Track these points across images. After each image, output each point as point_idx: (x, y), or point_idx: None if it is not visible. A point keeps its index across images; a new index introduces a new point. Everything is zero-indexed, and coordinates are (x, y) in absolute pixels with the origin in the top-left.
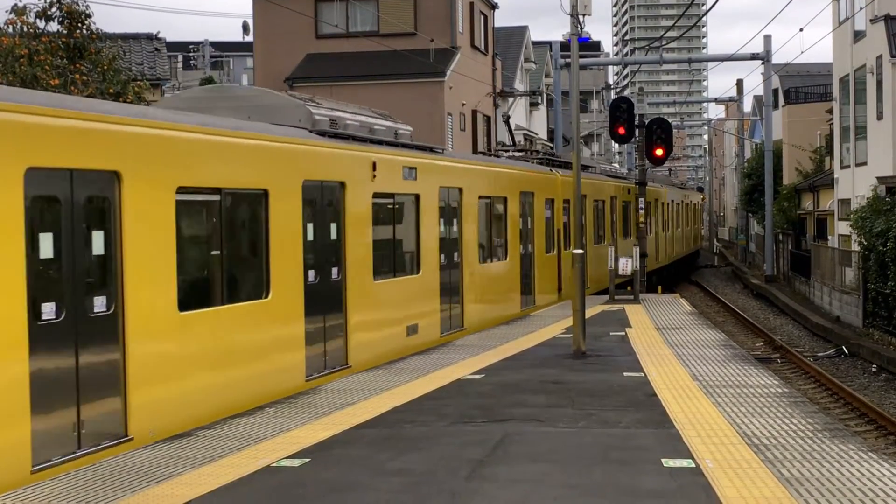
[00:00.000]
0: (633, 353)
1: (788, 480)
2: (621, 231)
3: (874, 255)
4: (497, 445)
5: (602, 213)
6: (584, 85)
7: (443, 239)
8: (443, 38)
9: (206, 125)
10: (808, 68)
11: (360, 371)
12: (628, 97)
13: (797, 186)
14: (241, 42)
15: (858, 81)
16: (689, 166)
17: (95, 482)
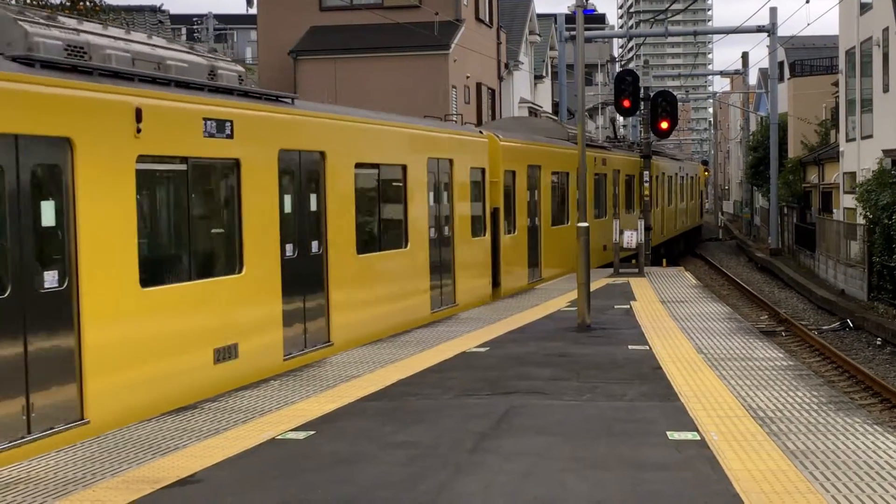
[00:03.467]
0: (637, 327)
1: (793, 453)
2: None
3: (879, 228)
4: (502, 418)
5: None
6: (589, 58)
7: (287, 220)
8: (447, 11)
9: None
10: (814, 41)
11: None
12: (633, 70)
13: (802, 159)
14: (245, 14)
15: (865, 54)
16: (694, 139)
17: (101, 454)
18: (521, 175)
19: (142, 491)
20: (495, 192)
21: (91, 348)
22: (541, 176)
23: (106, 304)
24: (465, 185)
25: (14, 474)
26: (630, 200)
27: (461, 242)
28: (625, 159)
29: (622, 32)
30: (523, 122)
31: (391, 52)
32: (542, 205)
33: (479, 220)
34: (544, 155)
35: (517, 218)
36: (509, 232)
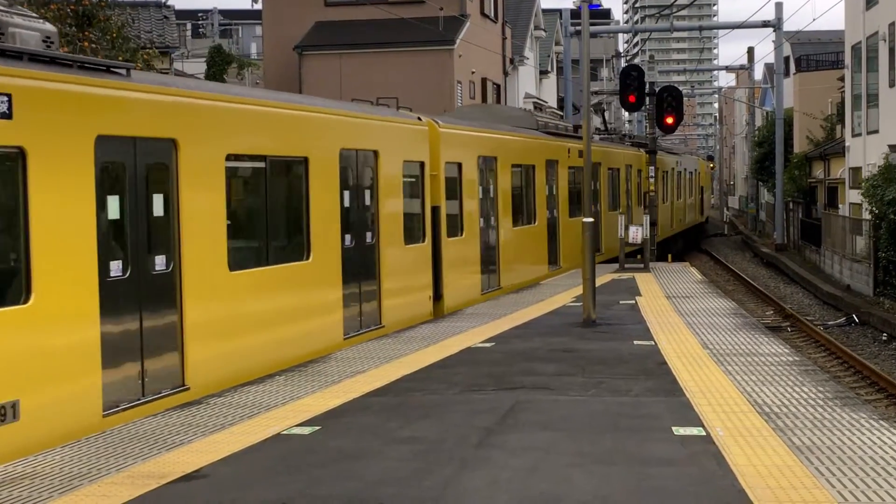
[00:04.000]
0: (643, 322)
1: (799, 448)
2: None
3: (885, 223)
4: (507, 413)
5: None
6: (595, 53)
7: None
8: (452, 6)
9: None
10: (820, 36)
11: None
12: (639, 65)
13: (808, 155)
14: (250, 10)
15: (870, 49)
16: (700, 135)
17: (107, 449)
18: (469, 168)
19: (147, 486)
20: (435, 188)
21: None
22: (497, 169)
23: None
24: (395, 181)
25: (19, 469)
26: (620, 197)
27: (390, 250)
28: (612, 152)
29: (627, 27)
30: (487, 110)
31: (396, 48)
32: (499, 202)
33: (416, 223)
34: (501, 145)
35: (465, 218)
36: (455, 234)
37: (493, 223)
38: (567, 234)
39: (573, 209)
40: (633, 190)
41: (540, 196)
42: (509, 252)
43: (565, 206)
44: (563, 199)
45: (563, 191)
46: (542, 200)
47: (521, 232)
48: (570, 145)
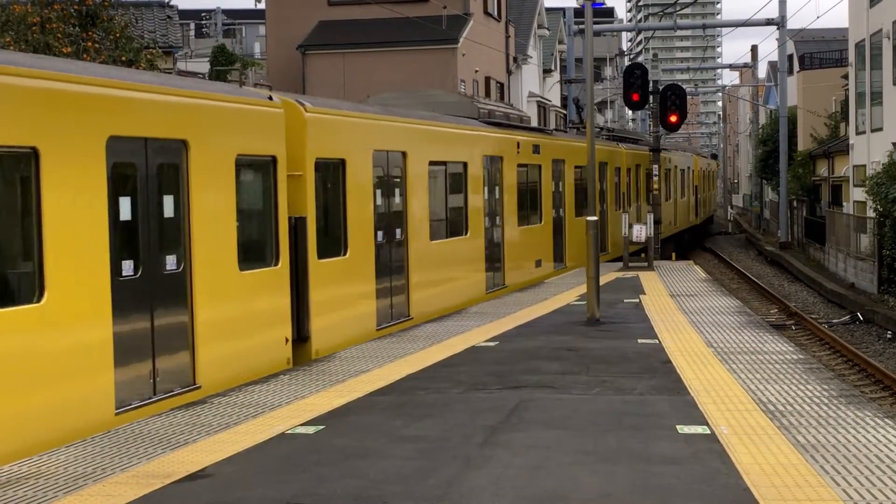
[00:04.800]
0: (647, 320)
1: (804, 447)
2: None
3: (890, 221)
4: (511, 412)
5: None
6: (598, 51)
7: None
8: (455, 5)
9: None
10: (824, 34)
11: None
12: (642, 63)
13: (812, 153)
14: (254, 10)
15: (874, 46)
16: (703, 133)
17: (112, 448)
18: (357, 166)
19: (152, 485)
20: (298, 192)
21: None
22: (407, 168)
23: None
24: (218, 183)
25: (24, 469)
26: (588, 198)
27: (211, 277)
28: (579, 147)
29: (631, 26)
30: (413, 95)
31: (399, 47)
32: (411, 210)
33: (260, 240)
34: (415, 137)
35: (353, 232)
36: (333, 253)
37: (399, 237)
38: (517, 246)
39: (527, 215)
40: (609, 190)
41: (475, 201)
42: (424, 273)
43: (512, 213)
44: (510, 203)
45: (512, 193)
46: (478, 207)
47: (444, 247)
48: (522, 138)
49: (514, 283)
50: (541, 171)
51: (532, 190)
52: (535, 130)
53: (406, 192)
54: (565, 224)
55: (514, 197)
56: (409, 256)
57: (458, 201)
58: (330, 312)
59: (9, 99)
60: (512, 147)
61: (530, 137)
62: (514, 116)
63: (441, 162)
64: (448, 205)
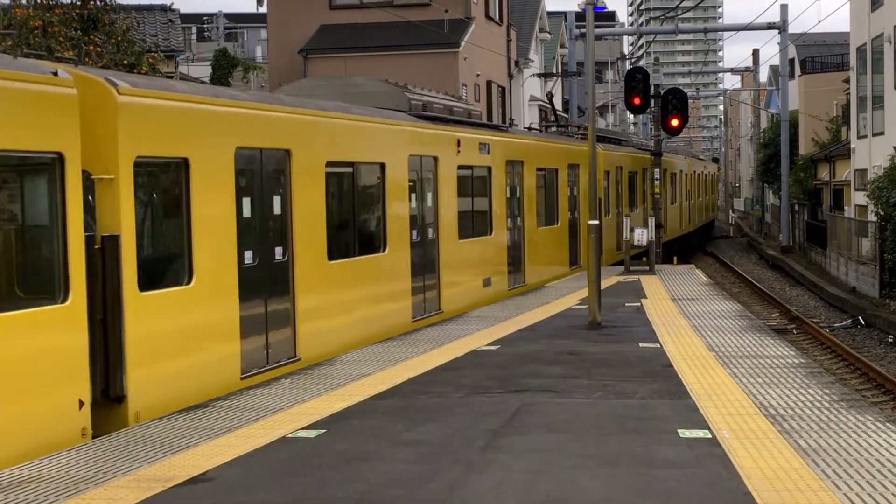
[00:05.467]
0: (648, 324)
1: (805, 451)
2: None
3: (891, 225)
4: (513, 416)
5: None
6: (600, 55)
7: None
8: (457, 9)
9: None
10: (825, 38)
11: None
12: (644, 67)
13: (813, 157)
14: (255, 13)
15: (876, 51)
16: (705, 137)
17: (113, 452)
18: (209, 168)
19: (153, 489)
20: (108, 202)
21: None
22: (292, 170)
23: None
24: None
25: (26, 473)
26: (555, 205)
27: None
28: (544, 147)
29: (632, 30)
30: (332, 84)
31: (401, 51)
32: (299, 223)
33: (35, 268)
34: (299, 131)
35: (201, 254)
36: (173, 282)
37: (280, 257)
38: (457, 263)
39: (471, 225)
40: (580, 196)
41: (397, 210)
42: (321, 301)
43: (451, 223)
44: (448, 211)
45: (450, 202)
46: (401, 217)
47: (357, 268)
48: (464, 135)
49: (453, 308)
50: (490, 174)
51: (479, 196)
52: (486, 127)
53: (291, 199)
54: (524, 235)
55: (453, 204)
56: (297, 280)
57: (373, 210)
58: (161, 361)
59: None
60: (450, 145)
61: (476, 134)
62: (460, 111)
63: (346, 163)
64: (359, 215)
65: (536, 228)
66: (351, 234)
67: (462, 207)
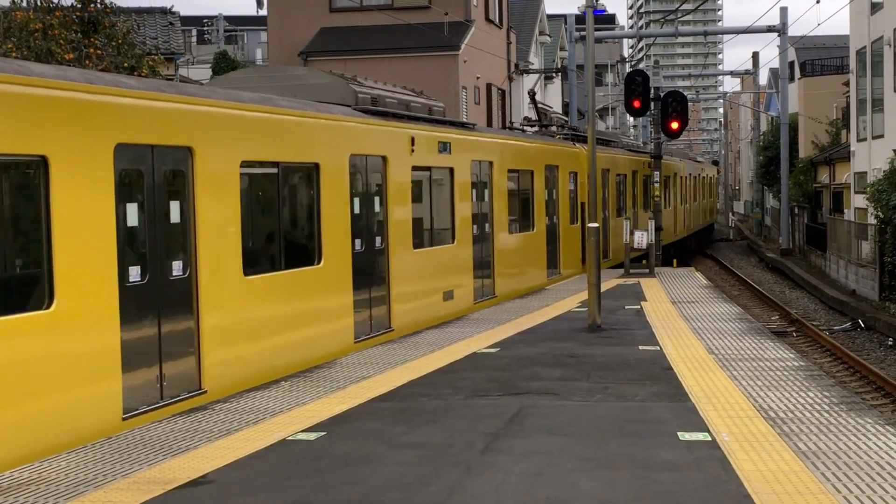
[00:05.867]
0: (648, 327)
1: (805, 454)
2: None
3: (891, 227)
4: (512, 419)
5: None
6: (599, 58)
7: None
8: (457, 11)
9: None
10: (825, 41)
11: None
12: (643, 70)
13: (813, 159)
14: (255, 16)
15: (875, 53)
16: (705, 140)
17: (112, 455)
18: (76, 167)
19: (153, 492)
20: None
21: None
22: (195, 171)
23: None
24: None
25: (26, 475)
26: (530, 210)
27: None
28: (519, 147)
29: (632, 33)
30: (272, 74)
31: (401, 53)
32: (202, 233)
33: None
34: (203, 126)
35: (61, 272)
36: (23, 307)
37: (179, 272)
38: (412, 275)
39: (428, 233)
40: (560, 199)
41: (333, 218)
42: (236, 323)
43: (403, 231)
44: (399, 218)
45: (402, 206)
46: (337, 226)
47: (283, 284)
48: (420, 133)
49: (406, 325)
50: (453, 176)
51: (439, 200)
52: (449, 124)
53: (195, 205)
54: (493, 242)
55: (406, 209)
56: (202, 300)
57: (305, 218)
58: (10, 404)
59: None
60: (402, 144)
61: (435, 132)
62: (418, 106)
63: (269, 163)
64: (286, 223)
65: (508, 235)
66: (276, 245)
67: (418, 213)
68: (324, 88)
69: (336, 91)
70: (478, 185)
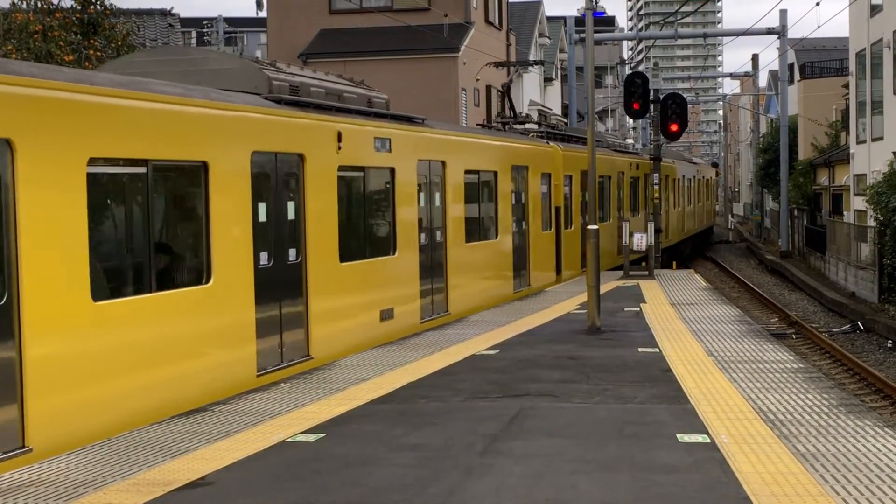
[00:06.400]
0: (647, 329)
1: (804, 456)
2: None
3: (890, 230)
4: (512, 420)
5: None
6: (599, 60)
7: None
8: (457, 13)
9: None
10: (824, 43)
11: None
12: (643, 72)
13: (812, 161)
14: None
15: (875, 56)
16: (704, 142)
17: (112, 456)
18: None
19: (153, 493)
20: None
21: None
22: (12, 171)
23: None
24: None
25: (25, 477)
26: (493, 215)
27: None
28: (479, 145)
29: (632, 35)
30: (175, 59)
31: (401, 55)
32: (24, 253)
33: None
34: (23, 112)
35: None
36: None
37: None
38: (342, 291)
39: (360, 243)
40: (530, 204)
41: (226, 227)
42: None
43: (328, 240)
44: (322, 229)
45: (324, 212)
46: (232, 236)
47: (146, 311)
48: (349, 127)
49: (329, 352)
50: (393, 178)
51: (376, 204)
52: (391, 118)
53: (16, 212)
54: (446, 253)
55: (331, 216)
56: (17, 328)
57: (190, 226)
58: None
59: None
60: (325, 139)
61: (370, 126)
62: (354, 97)
63: (133, 160)
64: (160, 232)
65: (465, 244)
66: (143, 261)
67: (347, 220)
68: (231, 74)
69: (245, 77)
70: (427, 187)
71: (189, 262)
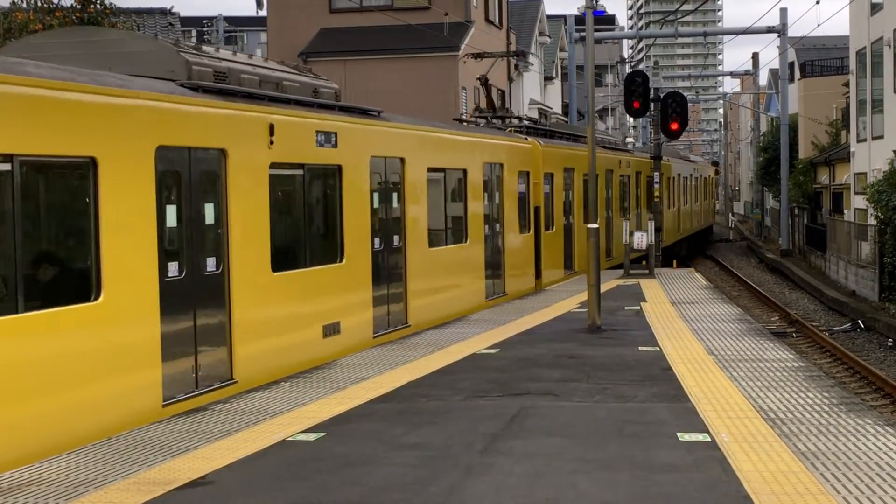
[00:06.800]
0: (648, 328)
1: (804, 454)
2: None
3: (891, 228)
4: (512, 419)
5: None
6: (599, 59)
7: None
8: (457, 12)
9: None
10: (825, 41)
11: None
12: (643, 71)
13: (813, 160)
14: (255, 17)
15: (875, 54)
16: (705, 140)
17: (112, 455)
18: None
19: (153, 492)
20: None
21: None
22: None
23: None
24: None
25: (26, 476)
26: (463, 218)
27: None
28: (443, 140)
29: (632, 33)
30: (81, 40)
31: (401, 54)
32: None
33: None
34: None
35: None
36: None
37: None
38: (267, 307)
39: (304, 251)
40: (505, 205)
41: (125, 233)
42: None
43: (256, 248)
44: (249, 235)
45: (253, 216)
46: (134, 243)
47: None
48: (284, 119)
49: (257, 371)
50: (340, 176)
51: (321, 206)
52: (339, 109)
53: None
54: (405, 258)
55: (261, 220)
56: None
57: (74, 231)
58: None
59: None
60: (255, 133)
61: (312, 119)
62: (295, 86)
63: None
64: (36, 239)
65: (428, 249)
66: (10, 273)
67: (282, 224)
68: (146, 58)
69: (160, 61)
70: (382, 187)
71: (72, 275)
